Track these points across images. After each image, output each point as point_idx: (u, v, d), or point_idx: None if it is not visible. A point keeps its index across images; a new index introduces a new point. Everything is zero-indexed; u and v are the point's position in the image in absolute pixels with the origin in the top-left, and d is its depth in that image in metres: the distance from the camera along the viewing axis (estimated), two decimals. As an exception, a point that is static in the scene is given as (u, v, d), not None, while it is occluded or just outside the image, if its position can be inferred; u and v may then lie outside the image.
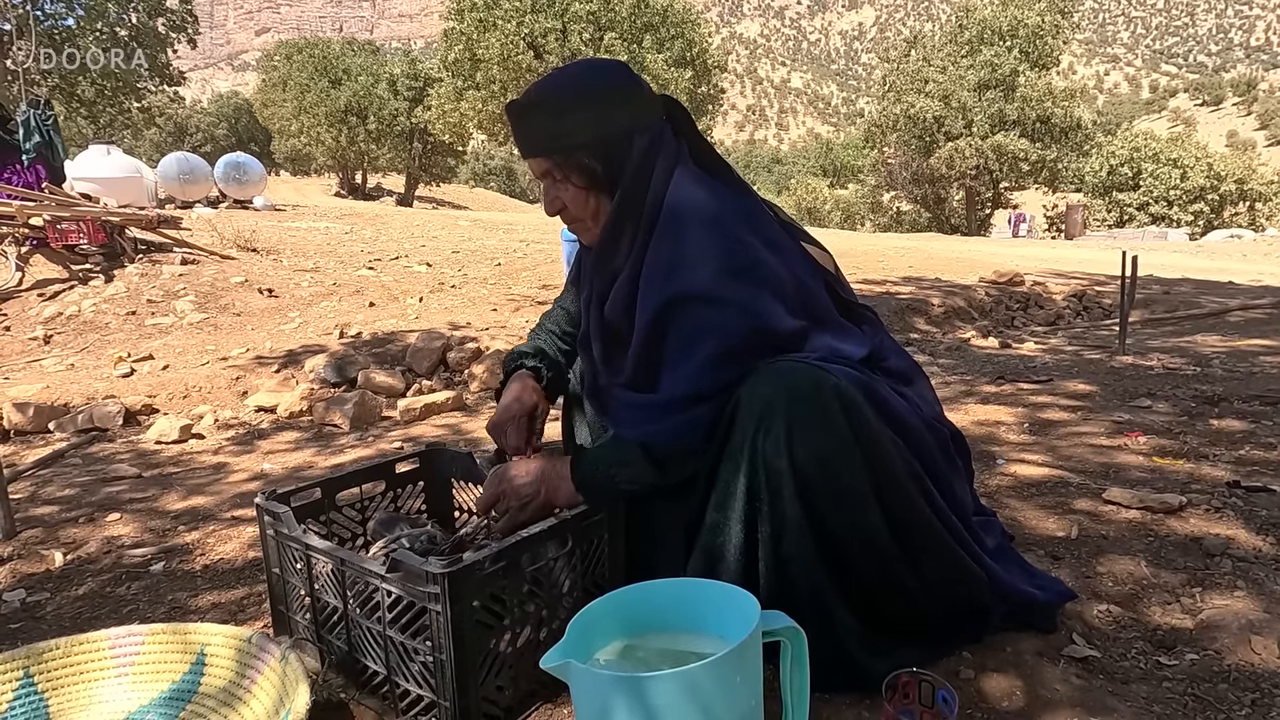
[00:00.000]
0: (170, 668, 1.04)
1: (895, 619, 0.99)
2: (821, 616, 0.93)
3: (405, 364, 4.06)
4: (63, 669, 1.03)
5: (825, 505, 0.92)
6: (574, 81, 1.04)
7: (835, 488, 0.92)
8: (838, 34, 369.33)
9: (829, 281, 1.12)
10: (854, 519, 0.93)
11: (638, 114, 1.03)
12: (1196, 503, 1.53)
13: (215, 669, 1.03)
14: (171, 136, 39.75)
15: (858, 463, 0.92)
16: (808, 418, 0.90)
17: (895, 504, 0.95)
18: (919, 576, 0.97)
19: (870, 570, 0.95)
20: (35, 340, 4.88)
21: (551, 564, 1.00)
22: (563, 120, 1.01)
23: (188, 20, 21.34)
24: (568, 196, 1.05)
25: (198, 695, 1.02)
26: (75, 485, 2.28)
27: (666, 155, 1.04)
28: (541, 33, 17.92)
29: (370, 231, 9.19)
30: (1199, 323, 5.29)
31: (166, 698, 1.02)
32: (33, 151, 7.44)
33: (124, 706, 1.02)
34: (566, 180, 1.04)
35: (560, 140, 1.02)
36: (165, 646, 1.05)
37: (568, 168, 1.03)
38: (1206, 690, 0.96)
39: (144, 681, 1.04)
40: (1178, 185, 30.99)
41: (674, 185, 1.03)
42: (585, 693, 0.72)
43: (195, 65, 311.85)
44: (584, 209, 1.06)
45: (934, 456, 1.03)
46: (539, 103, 1.03)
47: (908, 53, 28.83)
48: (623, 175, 1.03)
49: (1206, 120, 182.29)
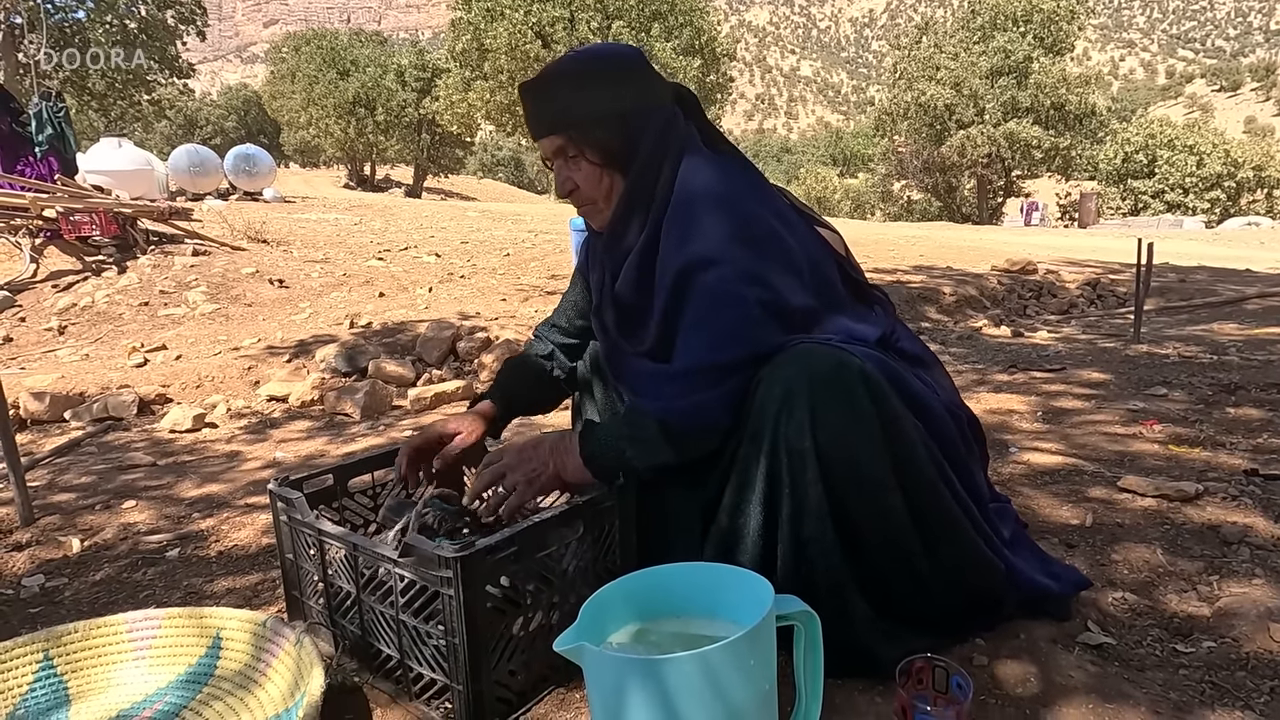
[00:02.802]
0: (187, 650, 1.05)
1: (909, 605, 0.98)
2: (837, 601, 0.93)
3: (415, 354, 4.08)
4: (82, 651, 1.04)
5: (847, 489, 0.91)
6: (591, 59, 1.05)
7: (858, 472, 0.91)
8: (848, 21, 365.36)
9: (840, 263, 1.11)
10: (875, 504, 0.92)
11: (652, 95, 1.04)
12: (1213, 491, 1.51)
13: (231, 652, 1.04)
14: (181, 129, 39.91)
15: (880, 447, 0.91)
16: (831, 400, 0.89)
17: (916, 489, 0.94)
18: (935, 563, 0.96)
19: (887, 555, 0.95)
20: (50, 331, 4.93)
21: (564, 549, 1.00)
22: (580, 94, 1.02)
23: (197, 12, 21.38)
24: (581, 175, 1.05)
25: (214, 678, 1.03)
26: (92, 473, 2.31)
27: (678, 137, 1.04)
28: (549, 22, 17.83)
29: (379, 222, 9.21)
30: (1215, 311, 5.22)
31: (184, 680, 1.03)
32: (45, 144, 7.48)
33: (142, 689, 1.03)
34: (580, 157, 1.04)
35: (577, 114, 1.02)
36: (182, 630, 1.06)
37: (583, 144, 1.03)
38: (1224, 678, 0.95)
39: (161, 664, 1.05)
40: (1194, 172, 30.57)
41: (685, 166, 1.03)
42: (599, 675, 0.72)
43: (205, 58, 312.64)
44: (597, 188, 1.05)
45: (954, 441, 1.02)
46: (556, 78, 1.03)
47: (919, 39, 28.50)
48: (637, 153, 1.02)
49: (1224, 106, 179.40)
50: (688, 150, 1.04)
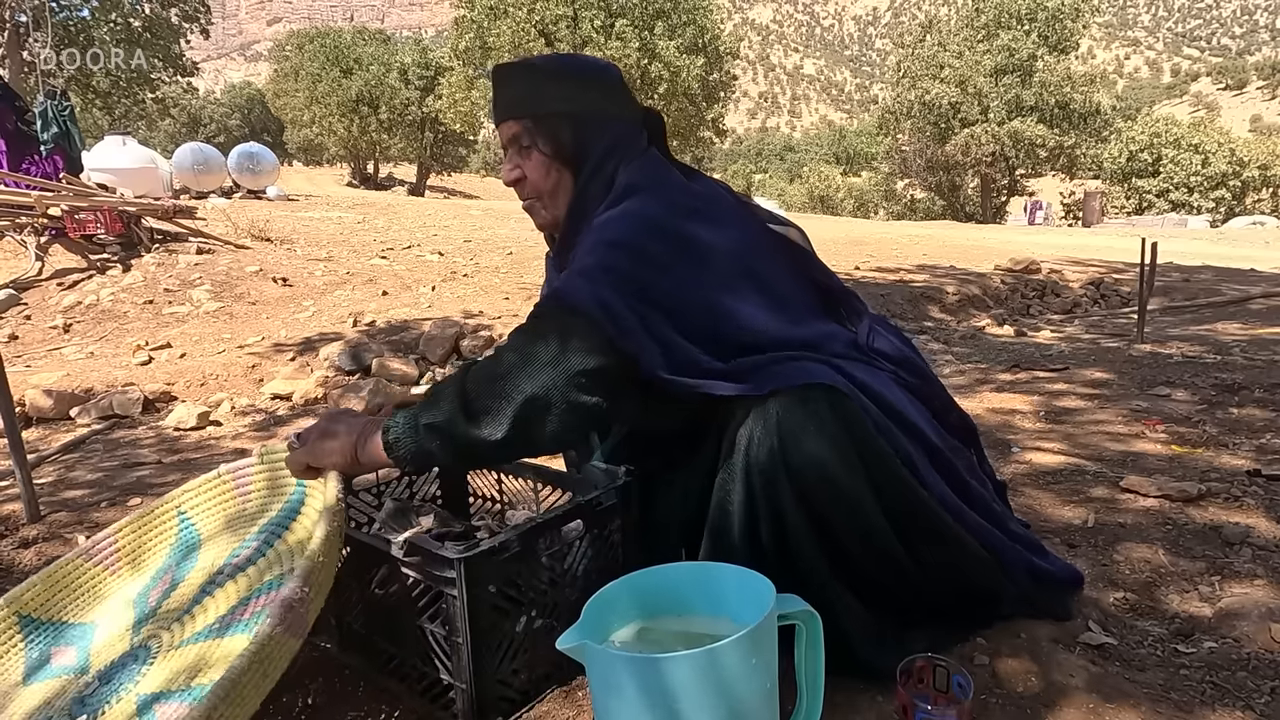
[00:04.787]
0: (280, 492, 1.15)
1: (902, 607, 0.98)
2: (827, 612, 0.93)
3: (419, 352, 4.09)
4: (204, 501, 1.18)
5: (825, 509, 0.91)
6: (569, 60, 1.08)
7: (834, 491, 0.90)
8: (851, 19, 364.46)
9: (803, 266, 1.10)
10: (854, 518, 0.92)
11: (618, 108, 1.06)
12: (1216, 491, 1.51)
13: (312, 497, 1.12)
14: (185, 127, 40.00)
15: (854, 463, 0.90)
16: (800, 423, 0.89)
17: (894, 499, 0.93)
18: (920, 564, 0.96)
19: (875, 565, 0.94)
20: (55, 329, 4.95)
21: (566, 548, 1.00)
22: (547, 85, 1.04)
23: (200, 11, 21.40)
24: (530, 165, 1.05)
25: (304, 509, 1.11)
26: (100, 470, 2.32)
27: (633, 151, 1.04)
28: (552, 20, 17.82)
29: (382, 221, 9.22)
30: (1219, 310, 5.21)
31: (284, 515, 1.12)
32: (51, 142, 7.50)
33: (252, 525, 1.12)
34: (533, 147, 1.04)
35: (539, 103, 1.03)
36: (268, 476, 1.17)
37: (538, 133, 1.03)
38: (1225, 678, 0.95)
39: (260, 501, 1.16)
40: (1199, 171, 30.44)
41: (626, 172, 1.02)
42: (601, 674, 0.73)
43: (208, 56, 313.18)
44: (544, 180, 1.05)
45: (933, 442, 1.00)
46: (528, 67, 1.06)
47: (923, 38, 28.41)
48: (588, 156, 1.03)
49: (1229, 105, 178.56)
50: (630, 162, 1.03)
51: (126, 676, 0.94)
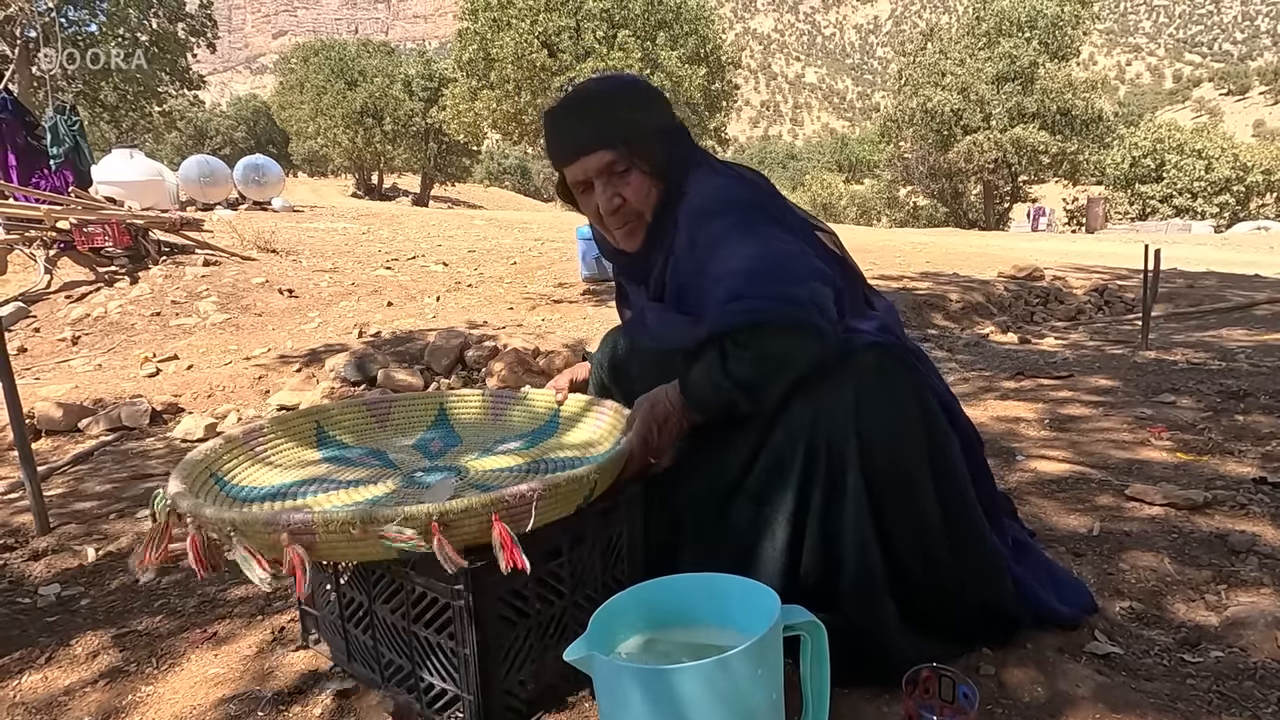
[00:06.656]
0: (537, 417, 1.34)
1: (928, 612, 0.98)
2: (866, 598, 0.93)
3: (424, 362, 4.10)
4: (464, 411, 1.38)
5: (884, 483, 0.91)
6: (624, 82, 1.11)
7: (897, 467, 0.91)
8: (852, 28, 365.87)
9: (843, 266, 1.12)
10: (911, 499, 0.93)
11: (674, 116, 1.12)
12: (1221, 499, 1.51)
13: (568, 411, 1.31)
14: (191, 140, 40.28)
15: (921, 446, 0.91)
16: (877, 394, 0.90)
17: (948, 494, 0.94)
18: (959, 571, 0.96)
19: (915, 558, 0.95)
20: (64, 341, 4.98)
21: (572, 559, 1.01)
22: (623, 109, 1.06)
23: (207, 25, 21.62)
24: (630, 189, 1.06)
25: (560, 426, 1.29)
26: (110, 481, 2.34)
27: (696, 152, 1.10)
28: (555, 31, 17.92)
29: (387, 231, 9.27)
30: (1224, 316, 5.19)
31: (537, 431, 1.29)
32: (60, 156, 7.58)
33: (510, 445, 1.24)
34: (631, 170, 1.06)
35: (628, 126, 1.05)
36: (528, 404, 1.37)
37: (636, 156, 1.05)
38: (1232, 688, 0.95)
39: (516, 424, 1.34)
40: (1202, 177, 30.37)
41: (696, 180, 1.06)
42: (608, 685, 0.74)
43: (214, 69, 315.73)
44: (645, 200, 1.07)
45: (975, 449, 1.02)
46: (600, 98, 1.07)
47: (924, 45, 28.48)
48: (673, 164, 1.07)
49: (1232, 110, 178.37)
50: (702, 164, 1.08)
51: (450, 472, 1.09)
